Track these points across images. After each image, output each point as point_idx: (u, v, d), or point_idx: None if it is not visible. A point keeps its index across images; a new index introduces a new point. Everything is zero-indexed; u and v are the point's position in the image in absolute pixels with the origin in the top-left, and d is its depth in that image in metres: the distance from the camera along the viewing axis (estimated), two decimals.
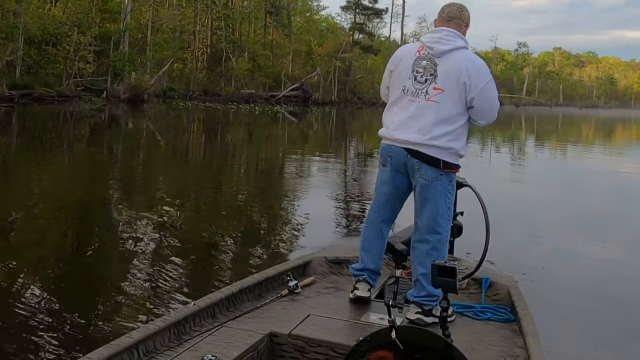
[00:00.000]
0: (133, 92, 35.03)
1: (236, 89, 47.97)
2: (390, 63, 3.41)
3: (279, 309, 3.24)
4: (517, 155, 20.58)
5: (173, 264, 5.45)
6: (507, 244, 6.69)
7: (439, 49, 3.22)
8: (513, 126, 42.06)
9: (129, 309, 4.35)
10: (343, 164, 15.18)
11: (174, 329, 2.79)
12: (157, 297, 4.58)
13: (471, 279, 3.65)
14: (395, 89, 3.31)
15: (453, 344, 2.35)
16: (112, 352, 2.40)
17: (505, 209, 8.78)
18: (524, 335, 3.01)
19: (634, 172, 16.57)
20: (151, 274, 5.13)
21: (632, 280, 6.06)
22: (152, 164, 13.61)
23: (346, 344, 2.74)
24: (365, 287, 3.39)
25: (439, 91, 3.18)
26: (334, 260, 3.95)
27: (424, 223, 3.24)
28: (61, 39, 35.48)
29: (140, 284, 4.89)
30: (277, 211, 8.65)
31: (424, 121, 3.18)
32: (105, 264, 5.56)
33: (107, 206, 8.31)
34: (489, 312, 3.40)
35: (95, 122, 24.00)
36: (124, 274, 5.12)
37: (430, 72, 3.20)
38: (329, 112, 43.02)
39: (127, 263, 5.45)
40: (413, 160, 3.20)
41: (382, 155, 3.35)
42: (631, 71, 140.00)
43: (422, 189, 3.22)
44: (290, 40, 57.66)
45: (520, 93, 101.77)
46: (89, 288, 4.89)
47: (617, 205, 10.86)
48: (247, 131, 25.25)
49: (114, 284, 4.89)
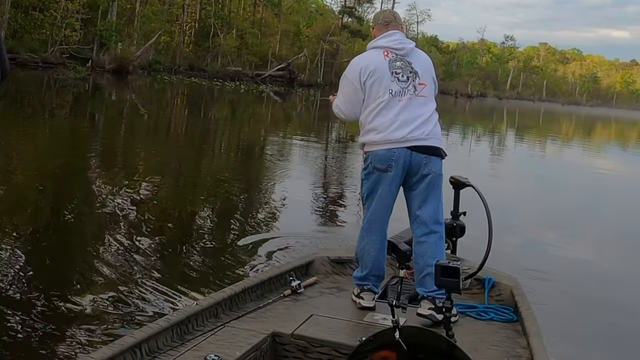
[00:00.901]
0: (118, 63, 34.88)
1: (222, 66, 47.80)
2: (360, 75, 3.35)
3: (282, 308, 3.23)
4: (496, 150, 20.76)
5: (145, 238, 5.57)
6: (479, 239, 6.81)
7: (408, 48, 3.42)
8: (494, 119, 42.16)
9: (96, 284, 4.39)
10: (324, 147, 15.36)
11: (176, 329, 2.77)
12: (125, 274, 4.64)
13: (474, 279, 3.64)
14: (381, 95, 3.31)
15: (456, 344, 2.35)
16: (115, 352, 2.39)
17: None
18: (527, 335, 3.00)
19: (606, 169, 16.97)
20: (121, 247, 5.19)
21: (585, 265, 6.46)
22: (131, 138, 13.63)
23: (349, 344, 2.73)
24: (370, 296, 3.38)
25: (424, 86, 3.37)
26: (337, 260, 3.94)
27: (430, 215, 3.31)
28: (49, 4, 35.12)
29: (109, 259, 4.91)
30: (253, 195, 8.81)
31: (420, 116, 3.30)
32: (76, 234, 5.67)
33: (79, 176, 8.39)
34: (492, 312, 3.39)
35: (79, 91, 23.90)
36: (93, 248, 5.19)
37: (408, 70, 3.35)
38: (314, 94, 43.08)
39: (96, 238, 5.49)
40: (420, 156, 3.26)
41: (381, 161, 3.28)
42: (614, 70, 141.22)
43: (429, 182, 3.29)
44: (279, 20, 57.45)
45: (504, 86, 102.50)
46: (59, 258, 4.96)
47: (587, 201, 11.27)
48: (230, 109, 25.31)
49: (84, 255, 4.99)
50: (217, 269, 5.04)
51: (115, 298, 4.11)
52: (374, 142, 3.31)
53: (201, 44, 49.75)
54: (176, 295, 4.26)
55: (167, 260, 5.13)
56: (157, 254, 5.22)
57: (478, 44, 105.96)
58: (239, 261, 5.29)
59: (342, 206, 8.35)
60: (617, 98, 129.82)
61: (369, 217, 3.40)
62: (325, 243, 5.93)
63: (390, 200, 3.35)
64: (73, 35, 35.78)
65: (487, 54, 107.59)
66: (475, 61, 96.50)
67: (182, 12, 49.32)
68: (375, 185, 3.33)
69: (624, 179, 15.80)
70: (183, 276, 4.72)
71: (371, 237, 3.39)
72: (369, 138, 3.33)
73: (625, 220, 9.91)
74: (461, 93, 78.37)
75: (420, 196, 3.31)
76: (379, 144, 3.29)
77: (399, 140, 3.25)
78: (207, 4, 50.28)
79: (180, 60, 46.38)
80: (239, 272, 4.94)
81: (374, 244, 3.38)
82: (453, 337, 2.52)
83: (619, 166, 19.12)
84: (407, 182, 3.33)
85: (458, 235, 4.09)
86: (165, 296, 4.24)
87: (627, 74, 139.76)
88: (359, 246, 3.44)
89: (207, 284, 4.60)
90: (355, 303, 3.39)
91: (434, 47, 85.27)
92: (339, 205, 8.44)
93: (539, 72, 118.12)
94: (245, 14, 56.42)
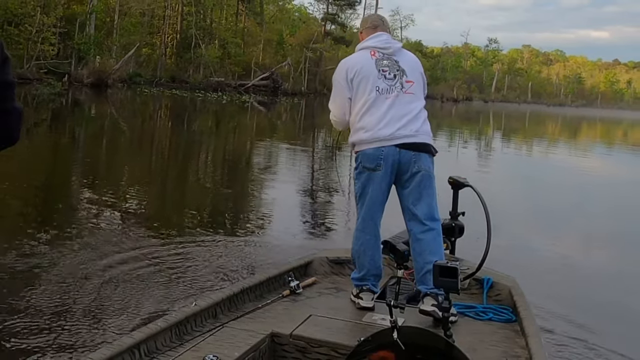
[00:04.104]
0: (97, 77, 34.30)
1: (204, 77, 47.32)
2: (347, 73, 3.40)
3: (281, 309, 3.25)
4: (483, 153, 20.59)
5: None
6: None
7: (395, 47, 3.47)
8: (481, 122, 42.10)
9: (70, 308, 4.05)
10: (310, 156, 14.96)
11: (175, 329, 2.79)
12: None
13: (473, 279, 3.65)
14: (367, 93, 3.34)
15: (455, 344, 2.36)
16: (114, 352, 2.39)
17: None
18: (526, 335, 3.00)
19: (592, 169, 16.74)
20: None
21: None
22: (112, 154, 13.18)
23: (348, 344, 2.74)
24: (369, 296, 3.39)
25: (412, 83, 3.40)
26: (336, 261, 3.96)
27: (424, 212, 3.32)
28: (24, 19, 34.43)
29: (88, 281, 4.55)
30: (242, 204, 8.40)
31: (409, 113, 3.32)
32: (55, 248, 5.34)
33: (58, 195, 7.97)
34: (490, 312, 3.40)
35: (56, 106, 23.33)
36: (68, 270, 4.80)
37: (395, 68, 3.39)
38: (298, 103, 42.72)
39: (74, 255, 5.16)
40: (409, 153, 3.27)
41: (370, 160, 3.30)
42: (597, 71, 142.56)
43: (420, 179, 3.30)
44: (262, 29, 57.08)
45: (490, 89, 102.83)
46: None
47: (573, 201, 11.27)
48: (214, 121, 24.83)
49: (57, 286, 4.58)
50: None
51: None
52: (362, 140, 3.32)
53: (183, 55, 49.21)
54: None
55: (158, 266, 4.99)
56: (143, 268, 5.02)
57: (462, 47, 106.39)
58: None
59: (329, 210, 8.37)
60: (601, 98, 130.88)
61: (362, 216, 3.41)
62: (324, 244, 5.89)
63: (382, 198, 3.37)
64: (50, 49, 35.12)
65: (472, 58, 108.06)
66: (460, 65, 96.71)
67: (163, 23, 48.76)
68: (366, 184, 3.35)
69: (610, 179, 15.61)
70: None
71: (365, 236, 3.40)
72: (358, 137, 3.34)
73: (613, 219, 9.85)
74: (447, 97, 78.53)
75: (413, 194, 3.32)
76: (367, 143, 3.30)
77: (386, 138, 3.26)
78: (188, 15, 49.81)
79: (162, 72, 45.79)
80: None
81: (369, 243, 3.40)
82: (451, 337, 2.58)
83: (605, 166, 18.90)
84: (398, 180, 3.34)
85: (457, 236, 4.07)
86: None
87: (610, 74, 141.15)
88: (355, 247, 3.45)
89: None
90: (354, 303, 3.40)
91: (419, 52, 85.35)
92: (325, 210, 8.45)
93: (524, 74, 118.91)
94: (228, 24, 56.02)
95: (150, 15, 47.49)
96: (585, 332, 4.43)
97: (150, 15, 47.49)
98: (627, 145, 30.11)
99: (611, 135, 39.11)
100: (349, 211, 8.16)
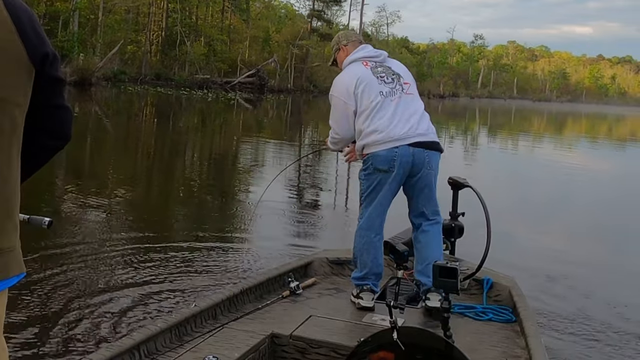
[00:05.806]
0: (80, 75, 33.83)
1: (190, 74, 46.99)
2: (348, 89, 3.45)
3: (280, 310, 3.26)
4: (470, 150, 20.63)
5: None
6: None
7: (384, 55, 3.63)
8: (467, 119, 42.18)
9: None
10: (298, 153, 14.88)
11: (175, 330, 2.78)
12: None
13: (472, 279, 3.64)
14: (373, 98, 3.40)
15: (454, 344, 2.36)
16: (114, 353, 2.38)
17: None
18: (526, 335, 3.01)
19: (578, 164, 16.80)
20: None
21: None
22: (97, 154, 12.99)
23: (347, 345, 2.75)
24: (369, 296, 3.40)
25: (409, 85, 3.54)
26: (335, 261, 3.96)
27: (432, 206, 3.47)
28: None
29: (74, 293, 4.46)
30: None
31: (416, 112, 3.46)
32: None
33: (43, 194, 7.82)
34: (490, 312, 3.40)
35: None
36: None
37: (390, 72, 3.52)
38: (285, 100, 42.55)
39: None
40: (422, 152, 3.36)
41: (383, 162, 3.34)
42: (582, 66, 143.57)
43: (430, 179, 3.42)
44: (248, 26, 56.77)
45: (476, 85, 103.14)
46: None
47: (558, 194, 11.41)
48: (200, 118, 24.65)
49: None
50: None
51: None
52: (376, 141, 3.34)
53: (168, 53, 48.82)
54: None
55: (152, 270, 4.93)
56: (133, 267, 5.00)
57: (448, 44, 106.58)
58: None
59: (326, 211, 8.38)
60: (586, 93, 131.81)
61: (368, 215, 3.42)
62: (324, 244, 5.86)
63: (390, 198, 3.44)
64: None
65: (458, 54, 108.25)
66: (446, 61, 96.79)
67: (147, 20, 48.34)
68: (376, 185, 3.38)
69: (596, 174, 15.74)
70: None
71: (370, 235, 3.42)
72: (370, 139, 3.36)
73: (597, 212, 10.03)
74: (433, 94, 78.61)
75: (425, 192, 3.42)
76: (381, 144, 3.33)
77: (401, 137, 3.33)
78: (174, 12, 49.41)
79: (147, 70, 45.36)
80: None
81: (372, 242, 3.42)
82: (451, 337, 2.57)
83: (591, 161, 18.98)
84: (409, 178, 3.40)
85: (457, 236, 4.06)
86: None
87: (594, 69, 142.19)
88: (358, 245, 3.45)
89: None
90: (354, 304, 3.41)
91: (405, 48, 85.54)
92: (322, 210, 8.45)
93: (509, 70, 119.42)
94: (213, 21, 55.64)
95: (135, 12, 47.04)
96: (585, 332, 4.38)
97: (135, 12, 47.04)
98: (612, 140, 30.31)
99: (596, 130, 39.35)
100: (347, 211, 8.15)
